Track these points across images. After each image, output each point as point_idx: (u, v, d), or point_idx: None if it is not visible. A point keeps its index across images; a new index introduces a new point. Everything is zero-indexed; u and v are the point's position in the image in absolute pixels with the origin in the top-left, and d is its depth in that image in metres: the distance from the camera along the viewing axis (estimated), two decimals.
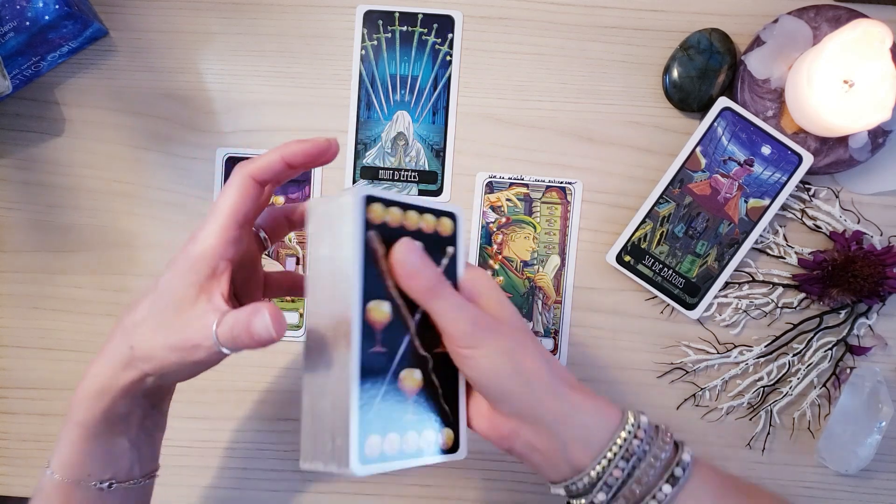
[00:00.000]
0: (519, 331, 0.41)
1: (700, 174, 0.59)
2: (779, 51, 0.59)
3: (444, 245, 0.42)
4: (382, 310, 0.38)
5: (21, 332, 0.62)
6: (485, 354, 0.39)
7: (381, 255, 0.38)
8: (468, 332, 0.39)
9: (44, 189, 0.63)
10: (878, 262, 0.58)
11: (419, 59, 0.62)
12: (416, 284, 0.38)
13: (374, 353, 0.38)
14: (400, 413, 0.39)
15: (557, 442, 0.40)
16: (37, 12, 0.56)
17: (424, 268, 0.39)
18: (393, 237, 0.39)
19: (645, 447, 0.40)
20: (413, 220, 0.40)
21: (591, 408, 0.41)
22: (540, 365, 0.40)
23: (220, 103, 0.62)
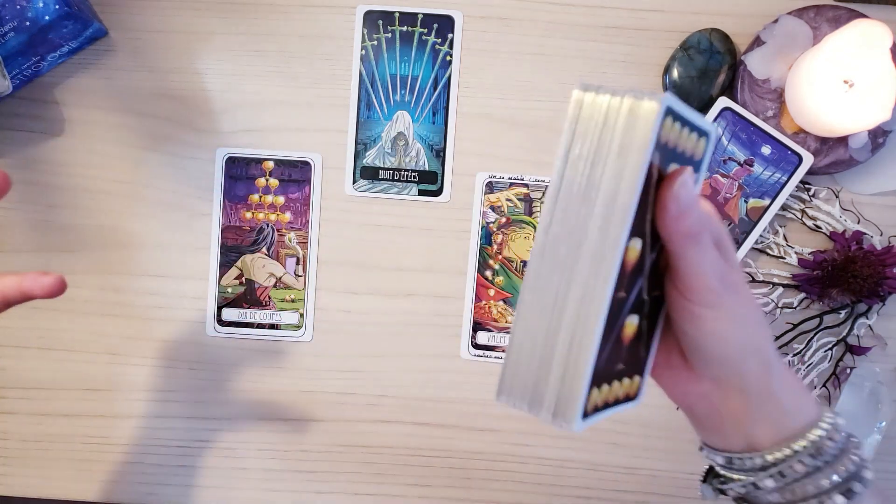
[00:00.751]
0: (752, 297, 0.38)
1: None
2: (779, 51, 0.59)
3: (694, 170, 0.36)
4: (636, 248, 0.33)
5: (21, 332, 0.62)
6: (720, 317, 0.36)
7: (652, 181, 0.32)
8: (713, 290, 0.35)
9: (44, 189, 0.63)
10: (878, 262, 0.58)
11: (419, 59, 0.62)
12: (682, 227, 0.33)
13: (618, 299, 0.33)
14: (614, 362, 0.35)
15: (748, 415, 0.38)
16: (37, 12, 0.56)
17: (695, 209, 0.34)
18: (667, 159, 0.33)
19: (836, 452, 0.37)
20: (683, 139, 0.34)
21: (794, 390, 0.38)
22: (766, 337, 0.38)
23: (220, 103, 0.62)
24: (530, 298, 0.33)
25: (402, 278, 0.62)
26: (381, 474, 0.62)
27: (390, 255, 0.62)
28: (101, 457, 0.62)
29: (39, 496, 0.62)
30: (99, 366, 0.62)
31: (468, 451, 0.62)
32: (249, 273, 0.62)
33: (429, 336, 0.62)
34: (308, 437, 0.62)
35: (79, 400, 0.62)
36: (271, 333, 0.62)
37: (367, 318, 0.62)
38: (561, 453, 0.62)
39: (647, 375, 0.38)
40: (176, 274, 0.62)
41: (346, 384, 0.62)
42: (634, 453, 0.61)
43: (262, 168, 0.62)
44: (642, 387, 0.38)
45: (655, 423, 0.61)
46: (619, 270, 0.31)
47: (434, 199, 0.62)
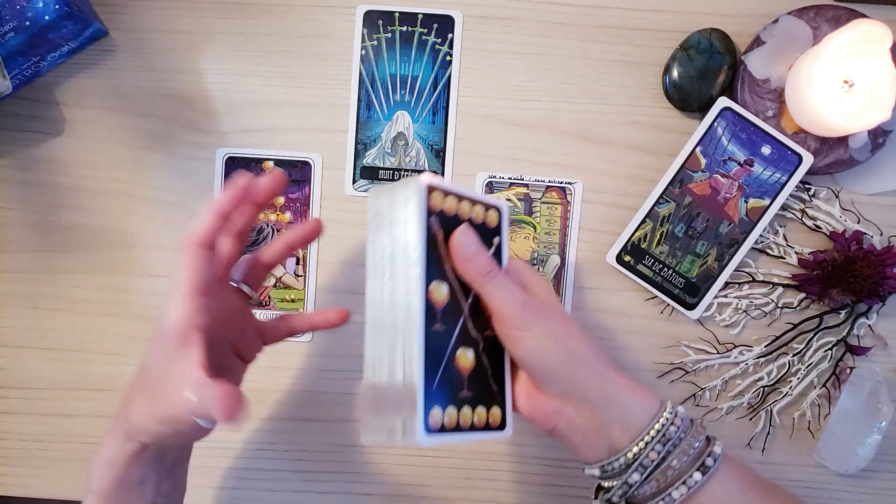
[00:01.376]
0: (564, 316, 0.45)
1: (700, 174, 0.59)
2: (779, 51, 0.59)
3: (490, 236, 0.45)
4: (441, 290, 0.41)
5: (21, 332, 0.62)
6: (534, 336, 0.42)
7: (440, 239, 0.41)
8: (519, 315, 0.42)
9: (44, 189, 0.63)
10: (878, 262, 0.58)
11: (419, 59, 0.62)
12: (473, 268, 0.42)
13: (435, 332, 0.40)
14: (456, 389, 0.41)
15: (600, 421, 0.43)
16: (37, 12, 0.56)
17: (480, 253, 0.42)
18: (449, 224, 0.42)
19: (681, 434, 0.42)
20: (466, 209, 0.43)
21: (632, 392, 0.43)
22: (586, 348, 0.44)
23: (220, 103, 0.62)
24: (369, 354, 0.42)
25: None
26: (381, 474, 0.62)
27: None
28: None
29: (39, 496, 0.62)
30: (99, 366, 0.62)
31: (468, 451, 0.62)
32: None
33: None
34: (308, 437, 0.62)
35: (79, 400, 0.62)
36: None
37: None
38: (561, 453, 0.62)
39: (508, 407, 0.44)
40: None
41: (346, 384, 0.62)
42: None
43: (262, 168, 0.62)
44: (506, 418, 0.44)
45: None
46: (425, 304, 0.39)
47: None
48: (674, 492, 0.42)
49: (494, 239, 0.45)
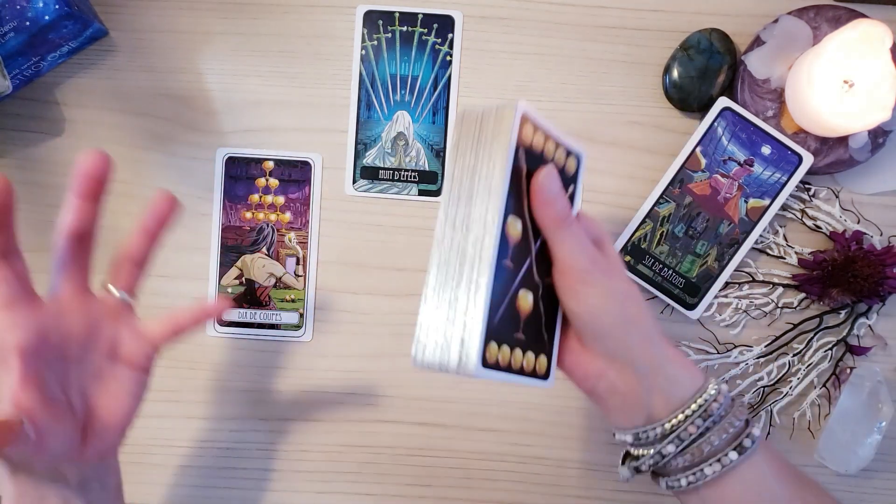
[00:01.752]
0: (627, 278, 0.43)
1: (700, 174, 0.59)
2: (779, 51, 0.59)
3: (566, 184, 0.43)
4: (517, 227, 0.40)
5: None
6: (595, 293, 0.41)
7: (523, 174, 0.40)
8: (585, 268, 0.40)
9: (44, 189, 0.63)
10: (878, 262, 0.58)
11: (419, 59, 0.62)
12: (551, 212, 0.40)
13: (505, 266, 0.39)
14: (513, 329, 0.40)
15: (642, 388, 0.42)
16: (37, 12, 0.56)
17: (561, 197, 0.40)
18: (534, 161, 0.40)
19: (722, 412, 0.42)
20: (551, 150, 0.42)
21: (679, 364, 0.43)
22: (643, 313, 0.43)
23: (220, 103, 0.62)
24: (435, 270, 0.40)
25: (402, 278, 0.62)
26: (381, 474, 0.62)
27: (390, 255, 0.62)
28: None
29: None
30: None
31: (468, 451, 0.62)
32: (249, 273, 0.62)
33: None
34: (308, 437, 0.62)
35: None
36: (271, 333, 0.62)
37: (367, 318, 0.62)
38: (561, 453, 0.62)
39: (554, 358, 0.43)
40: (176, 274, 0.62)
41: (346, 384, 0.62)
42: None
43: (262, 168, 0.62)
44: (551, 368, 0.43)
45: None
46: (500, 237, 0.38)
47: (434, 199, 0.62)
48: (706, 468, 0.41)
49: (570, 188, 0.44)
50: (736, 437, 0.42)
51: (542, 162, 0.41)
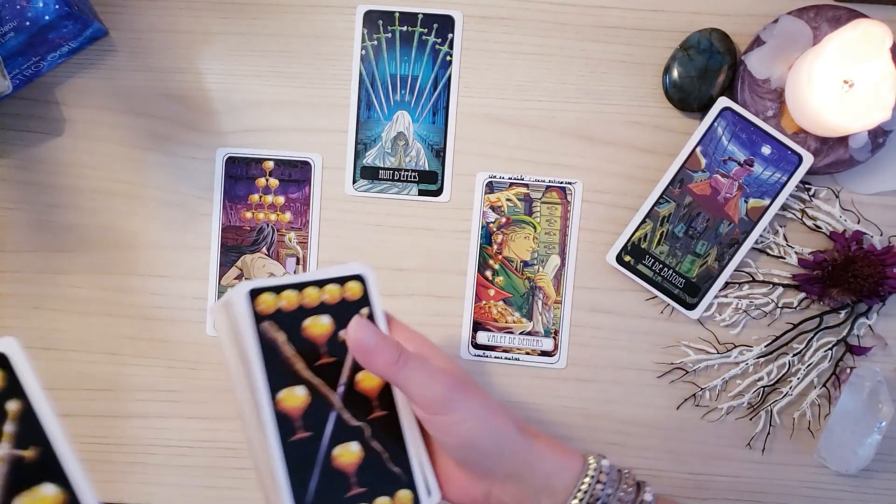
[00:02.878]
0: (478, 388, 0.41)
1: (700, 174, 0.59)
2: (779, 51, 0.59)
3: (355, 310, 0.41)
4: (297, 395, 0.38)
5: (21, 332, 0.62)
6: (462, 419, 0.38)
7: (282, 341, 0.38)
8: (443, 398, 0.38)
9: (44, 189, 0.63)
10: (878, 262, 0.58)
11: (419, 59, 0.62)
12: (380, 361, 0.38)
13: (297, 441, 0.38)
14: (342, 491, 0.38)
15: (528, 494, 0.40)
16: (37, 12, 0.56)
17: (383, 342, 0.38)
18: (294, 320, 0.39)
19: (609, 490, 0.40)
20: (313, 296, 0.40)
21: (554, 455, 0.41)
22: (507, 421, 0.41)
23: (220, 103, 0.62)
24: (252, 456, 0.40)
25: (402, 278, 0.62)
26: None
27: (390, 255, 0.62)
28: (101, 457, 0.62)
29: None
30: (99, 366, 0.62)
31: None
32: (249, 273, 0.62)
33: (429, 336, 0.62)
34: None
35: (79, 400, 0.62)
36: None
37: None
38: None
39: (419, 483, 0.41)
40: (176, 274, 0.62)
41: None
42: (634, 453, 0.61)
43: (262, 168, 0.62)
44: (419, 496, 0.41)
45: (655, 423, 0.61)
46: (276, 421, 0.37)
47: (434, 199, 0.62)
48: None
49: (362, 311, 0.41)
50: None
51: (307, 314, 0.39)
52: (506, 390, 0.62)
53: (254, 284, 0.38)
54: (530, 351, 0.61)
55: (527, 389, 0.61)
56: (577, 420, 0.61)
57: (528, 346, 0.61)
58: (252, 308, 0.38)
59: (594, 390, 0.61)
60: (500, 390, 0.62)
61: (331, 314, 0.40)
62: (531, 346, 0.61)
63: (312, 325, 0.40)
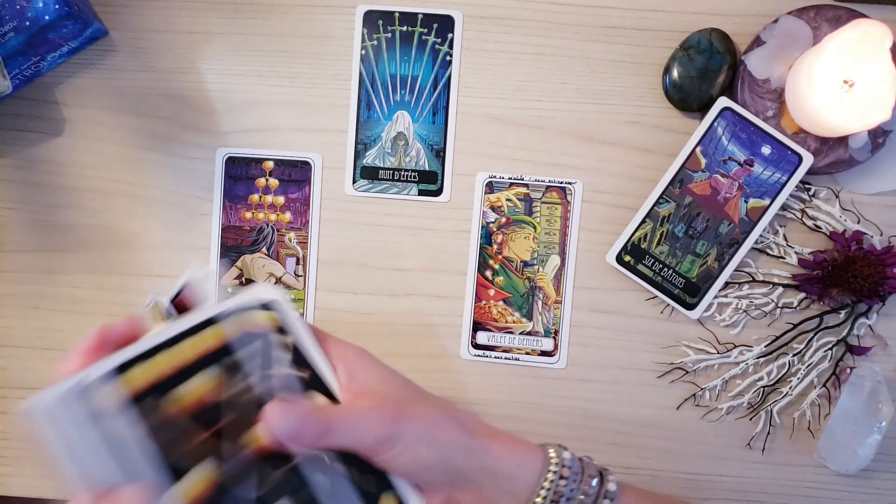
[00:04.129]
0: (418, 399, 0.40)
1: (700, 174, 0.59)
2: (779, 51, 0.59)
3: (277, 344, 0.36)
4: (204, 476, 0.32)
5: (21, 332, 0.62)
6: (405, 449, 0.37)
7: (155, 426, 0.31)
8: (377, 441, 0.36)
9: (44, 189, 0.63)
10: (878, 262, 0.58)
11: (419, 59, 0.62)
12: (307, 443, 0.35)
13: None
14: None
15: (488, 497, 0.39)
16: (37, 12, 0.56)
17: (304, 419, 0.35)
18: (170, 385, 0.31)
19: (572, 485, 0.40)
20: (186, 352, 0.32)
21: (511, 454, 0.40)
22: (453, 431, 0.39)
23: (220, 103, 0.62)
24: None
25: (402, 278, 0.62)
26: None
27: (390, 255, 0.62)
28: None
29: (39, 496, 0.62)
30: None
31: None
32: (249, 273, 0.62)
33: (429, 336, 0.62)
34: None
35: None
36: None
37: (367, 318, 0.62)
38: None
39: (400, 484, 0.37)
40: (176, 274, 0.62)
41: None
42: (634, 453, 0.61)
43: (262, 168, 0.62)
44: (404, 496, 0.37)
45: (655, 423, 0.61)
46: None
47: (434, 199, 0.62)
48: None
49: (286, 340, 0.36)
50: (595, 500, 0.40)
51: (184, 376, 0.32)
52: (506, 390, 0.62)
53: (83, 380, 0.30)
54: (530, 351, 0.61)
55: (527, 389, 0.61)
56: (577, 420, 0.61)
57: (528, 346, 0.61)
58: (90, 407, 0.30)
59: (594, 390, 0.61)
60: (500, 390, 0.62)
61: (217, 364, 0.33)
62: (531, 346, 0.61)
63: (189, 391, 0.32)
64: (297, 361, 0.36)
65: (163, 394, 0.31)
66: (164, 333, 0.32)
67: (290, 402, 0.35)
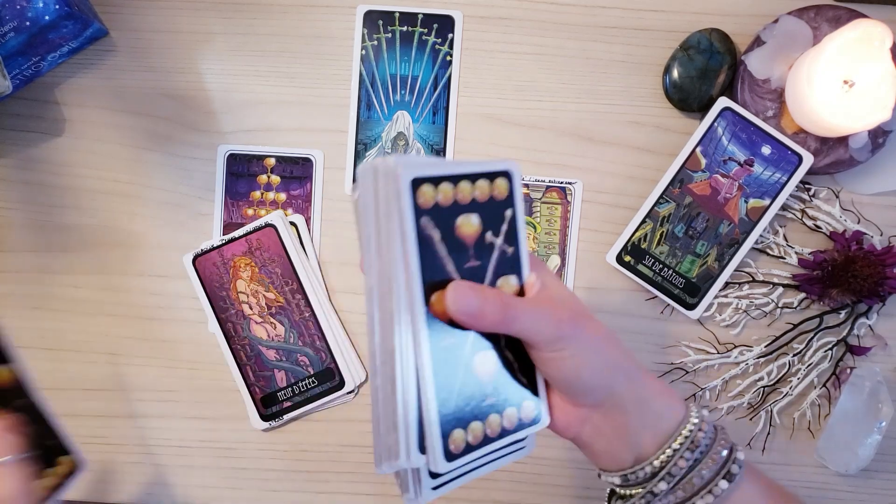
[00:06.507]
0: (593, 319, 0.41)
1: (700, 174, 0.59)
2: (779, 51, 0.59)
3: (502, 210, 0.39)
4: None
5: (21, 332, 0.62)
6: (573, 354, 0.38)
7: (437, 240, 0.36)
8: (553, 338, 0.38)
9: (44, 189, 0.63)
10: (878, 262, 0.58)
11: (419, 59, 0.62)
12: (487, 322, 0.37)
13: (446, 346, 0.36)
14: (479, 399, 0.38)
15: (629, 427, 0.40)
16: (37, 12, 0.56)
17: (485, 302, 0.37)
18: (449, 215, 0.37)
19: (708, 441, 0.40)
20: (466, 191, 0.38)
21: (662, 395, 0.41)
22: (622, 351, 0.41)
23: (220, 103, 0.62)
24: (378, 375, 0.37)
25: None
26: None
27: None
28: (101, 457, 0.62)
29: None
30: (99, 366, 0.62)
31: None
32: None
33: None
34: (308, 437, 0.62)
35: (79, 400, 0.62)
36: None
37: None
38: (561, 453, 0.62)
39: (543, 396, 0.41)
40: (176, 274, 0.62)
41: None
42: None
43: (264, 165, 0.62)
44: (541, 407, 0.41)
45: None
46: (428, 325, 0.35)
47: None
48: (698, 501, 0.39)
49: (506, 212, 0.39)
50: (723, 465, 0.40)
51: (460, 210, 0.37)
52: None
53: (415, 173, 0.35)
54: None
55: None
56: None
57: None
58: (413, 200, 0.35)
59: None
60: None
61: (479, 213, 0.38)
62: None
63: (464, 224, 0.38)
64: (508, 237, 0.40)
65: (437, 218, 0.36)
66: (448, 168, 0.37)
67: (474, 286, 0.37)
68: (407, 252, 0.35)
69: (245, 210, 0.62)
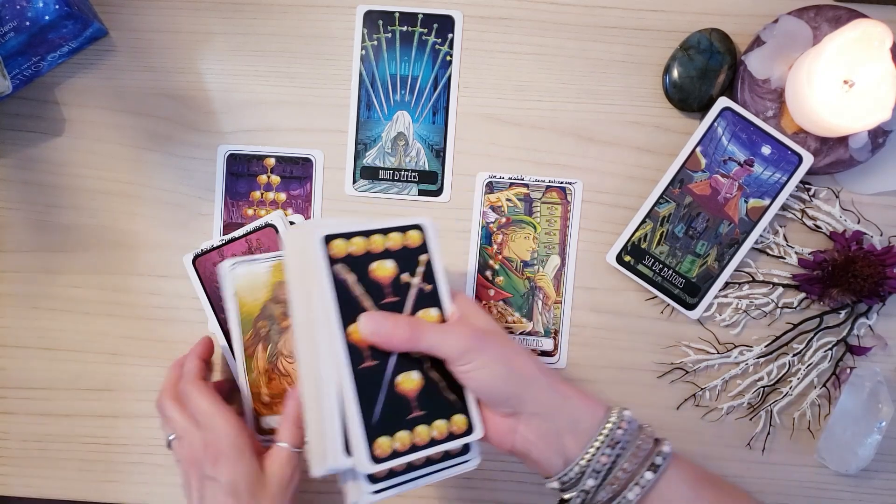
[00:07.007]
0: (504, 337, 0.46)
1: (700, 174, 0.59)
2: (779, 51, 0.59)
3: (416, 255, 0.46)
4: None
5: (21, 332, 0.62)
6: (481, 365, 0.43)
7: (352, 282, 0.43)
8: (461, 351, 0.43)
9: (44, 189, 0.63)
10: (878, 262, 0.58)
11: (419, 59, 0.62)
12: (397, 341, 0.42)
13: (365, 368, 0.42)
14: (404, 413, 0.43)
15: (552, 431, 0.44)
16: (37, 12, 0.56)
17: (394, 326, 0.43)
18: (362, 263, 0.44)
19: (628, 437, 0.44)
20: (378, 242, 0.45)
21: (579, 400, 0.45)
22: (531, 363, 0.45)
23: (220, 103, 0.62)
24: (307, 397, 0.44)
25: None
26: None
27: None
28: (101, 457, 0.62)
29: (39, 496, 0.62)
30: (99, 366, 0.62)
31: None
32: None
33: None
34: None
35: (79, 400, 0.62)
36: None
37: None
38: None
39: (473, 412, 0.46)
40: (176, 274, 0.62)
41: None
42: None
43: (264, 165, 0.62)
44: (473, 422, 0.45)
45: (655, 423, 0.61)
46: (348, 350, 0.42)
47: (434, 199, 0.62)
48: (628, 493, 0.43)
49: (421, 257, 0.46)
50: (647, 458, 0.43)
51: (372, 259, 0.44)
52: None
53: (327, 231, 0.43)
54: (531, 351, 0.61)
55: None
56: None
57: (529, 347, 0.61)
58: (326, 252, 0.43)
59: (594, 390, 0.61)
60: None
61: (394, 258, 0.45)
62: (531, 346, 0.61)
63: (379, 268, 0.44)
64: (426, 277, 0.46)
65: (350, 265, 0.43)
66: (359, 225, 0.44)
67: (385, 313, 0.43)
68: (323, 291, 0.42)
69: (245, 210, 0.62)
